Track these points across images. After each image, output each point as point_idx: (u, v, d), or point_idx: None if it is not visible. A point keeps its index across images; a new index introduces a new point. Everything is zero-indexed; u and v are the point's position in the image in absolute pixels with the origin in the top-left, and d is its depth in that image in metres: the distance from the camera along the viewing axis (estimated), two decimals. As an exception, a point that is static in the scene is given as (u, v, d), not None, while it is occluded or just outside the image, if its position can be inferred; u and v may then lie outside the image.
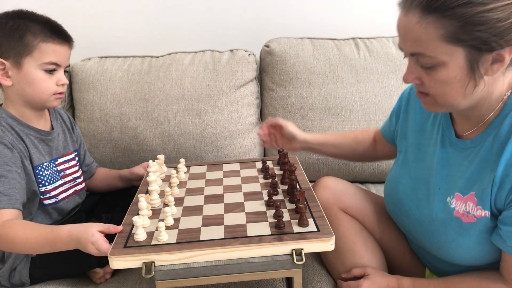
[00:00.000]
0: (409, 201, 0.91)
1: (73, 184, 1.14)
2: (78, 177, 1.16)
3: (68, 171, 1.13)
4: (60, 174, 1.11)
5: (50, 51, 0.99)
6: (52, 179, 1.08)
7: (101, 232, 0.84)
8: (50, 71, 1.00)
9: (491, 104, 0.75)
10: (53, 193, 1.08)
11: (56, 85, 1.02)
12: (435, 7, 0.66)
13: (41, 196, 1.05)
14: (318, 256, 1.09)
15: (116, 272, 1.06)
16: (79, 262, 1.00)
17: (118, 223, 0.92)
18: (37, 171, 1.04)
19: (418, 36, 0.69)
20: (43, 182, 1.05)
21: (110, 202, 1.22)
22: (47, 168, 1.06)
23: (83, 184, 1.19)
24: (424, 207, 0.87)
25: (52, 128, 1.12)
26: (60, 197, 1.10)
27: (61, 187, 1.10)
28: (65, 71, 1.06)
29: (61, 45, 1.01)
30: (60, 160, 1.12)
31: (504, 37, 0.65)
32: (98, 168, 1.31)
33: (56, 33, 1.00)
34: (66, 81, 1.04)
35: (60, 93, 1.04)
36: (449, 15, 0.65)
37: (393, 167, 1.01)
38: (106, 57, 1.55)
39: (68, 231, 0.85)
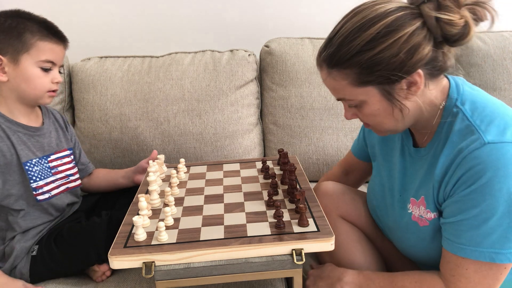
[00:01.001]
0: (381, 209, 0.97)
1: (65, 181, 1.14)
2: (72, 175, 1.16)
3: (60, 168, 1.13)
4: (52, 171, 1.11)
5: (47, 49, 1.02)
6: (42, 175, 1.08)
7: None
8: (46, 69, 1.03)
9: (430, 115, 0.80)
10: (45, 189, 1.08)
11: (51, 83, 1.05)
12: (335, 62, 0.75)
13: (34, 192, 1.06)
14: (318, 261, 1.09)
15: (116, 271, 1.06)
16: (79, 258, 1.01)
17: (118, 222, 0.93)
18: (26, 167, 1.04)
19: (333, 86, 0.79)
20: (34, 177, 1.06)
21: (110, 202, 1.22)
22: (37, 164, 1.07)
23: (77, 182, 1.19)
24: (390, 214, 0.93)
25: (43, 124, 1.13)
26: (53, 192, 1.10)
27: (52, 183, 1.10)
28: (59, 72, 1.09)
29: (57, 44, 1.04)
30: (52, 157, 1.12)
31: (404, 68, 0.71)
32: (97, 169, 1.32)
33: (53, 32, 1.04)
34: (61, 79, 1.07)
35: (53, 91, 1.07)
36: (348, 66, 0.74)
37: (371, 175, 1.06)
38: (106, 57, 1.55)
39: None
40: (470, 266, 0.74)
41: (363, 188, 1.14)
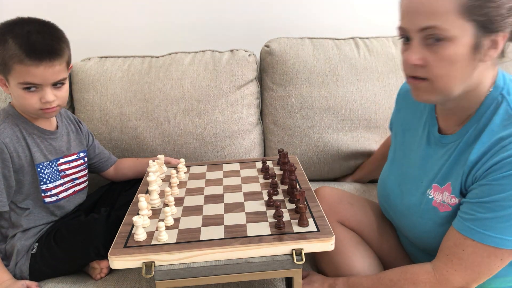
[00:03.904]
0: (395, 196, 0.96)
1: (72, 185, 1.16)
2: (77, 178, 1.18)
3: (68, 172, 1.15)
4: (60, 174, 1.12)
5: (24, 72, 0.97)
6: (52, 177, 1.10)
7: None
8: (30, 89, 0.99)
9: (477, 97, 0.79)
10: (54, 191, 1.11)
11: (41, 102, 1.01)
12: None
13: (42, 194, 1.08)
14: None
15: (116, 270, 1.06)
16: (78, 254, 1.02)
17: (116, 219, 0.94)
18: (38, 169, 1.07)
19: (435, 8, 0.70)
20: (44, 180, 1.08)
21: (110, 201, 1.23)
22: (47, 167, 1.09)
23: (83, 185, 1.20)
24: (407, 200, 0.92)
25: (57, 128, 1.14)
26: (61, 195, 1.12)
27: (61, 186, 1.13)
28: (59, 83, 1.03)
29: (36, 66, 0.96)
30: (61, 161, 1.13)
31: (504, 19, 0.70)
32: (122, 159, 1.36)
33: (31, 54, 0.96)
34: (49, 99, 1.00)
35: (47, 109, 1.02)
36: None
37: (386, 164, 1.05)
38: (106, 57, 1.55)
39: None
40: (469, 248, 0.75)
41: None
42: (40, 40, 0.98)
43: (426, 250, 0.91)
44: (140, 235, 0.84)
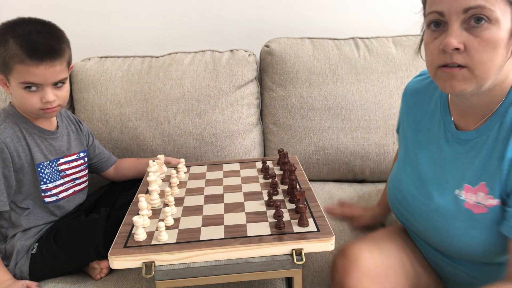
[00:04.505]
0: (414, 199, 0.89)
1: (72, 185, 1.16)
2: (77, 178, 1.18)
3: (68, 172, 1.15)
4: (61, 174, 1.12)
5: (24, 72, 0.97)
6: (52, 177, 1.10)
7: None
8: (30, 88, 0.99)
9: (501, 90, 0.75)
10: (54, 191, 1.11)
11: (41, 102, 1.01)
12: None
13: (42, 194, 1.08)
14: (318, 258, 1.08)
15: (115, 270, 1.06)
16: (78, 254, 1.01)
17: (116, 219, 0.94)
18: (39, 169, 1.07)
19: None
20: (44, 179, 1.08)
21: (110, 201, 1.23)
22: (47, 167, 1.09)
23: (83, 185, 1.20)
24: (430, 202, 0.85)
25: (57, 128, 1.14)
26: (61, 195, 1.12)
27: (61, 186, 1.13)
28: (60, 83, 1.03)
29: (37, 66, 0.97)
30: (62, 161, 1.13)
31: None
32: (122, 159, 1.35)
33: (31, 54, 0.96)
34: (50, 99, 1.00)
35: (48, 108, 1.02)
36: None
37: (395, 167, 1.00)
38: (106, 57, 1.55)
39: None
40: None
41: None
42: (40, 40, 0.98)
43: (453, 255, 0.85)
44: (140, 235, 0.84)
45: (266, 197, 0.97)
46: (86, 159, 1.21)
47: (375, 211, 1.17)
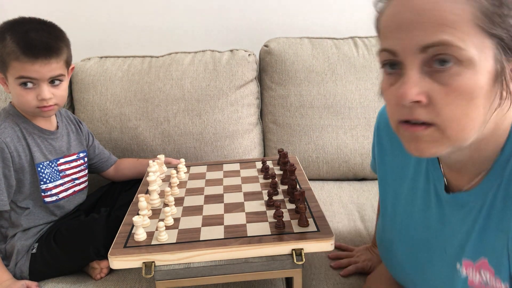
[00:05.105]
0: (411, 267, 0.75)
1: (72, 185, 1.16)
2: (77, 178, 1.18)
3: (68, 172, 1.15)
4: (60, 174, 1.13)
5: (20, 67, 0.98)
6: (52, 177, 1.10)
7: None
8: (26, 85, 0.99)
9: (495, 142, 0.57)
10: (54, 191, 1.11)
11: (37, 99, 1.01)
12: None
13: (42, 194, 1.08)
14: (317, 257, 1.08)
15: (115, 270, 1.06)
16: (78, 254, 1.02)
17: (116, 219, 0.94)
18: (38, 169, 1.07)
19: (444, 15, 0.48)
20: (44, 179, 1.08)
21: (110, 201, 1.23)
22: (47, 167, 1.09)
23: (83, 185, 1.21)
24: (430, 273, 0.70)
25: (57, 128, 1.15)
26: (61, 195, 1.13)
27: (61, 186, 1.13)
28: (57, 80, 1.03)
29: (32, 63, 0.97)
30: (61, 161, 1.13)
31: None
32: (122, 159, 1.35)
33: (26, 50, 0.96)
34: (45, 96, 1.00)
35: (44, 106, 1.02)
36: None
37: (381, 219, 0.84)
38: (106, 57, 1.55)
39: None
40: None
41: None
42: (37, 38, 0.98)
43: None
44: (140, 235, 0.84)
45: (266, 197, 0.97)
46: (86, 159, 1.21)
47: (376, 251, 1.00)
